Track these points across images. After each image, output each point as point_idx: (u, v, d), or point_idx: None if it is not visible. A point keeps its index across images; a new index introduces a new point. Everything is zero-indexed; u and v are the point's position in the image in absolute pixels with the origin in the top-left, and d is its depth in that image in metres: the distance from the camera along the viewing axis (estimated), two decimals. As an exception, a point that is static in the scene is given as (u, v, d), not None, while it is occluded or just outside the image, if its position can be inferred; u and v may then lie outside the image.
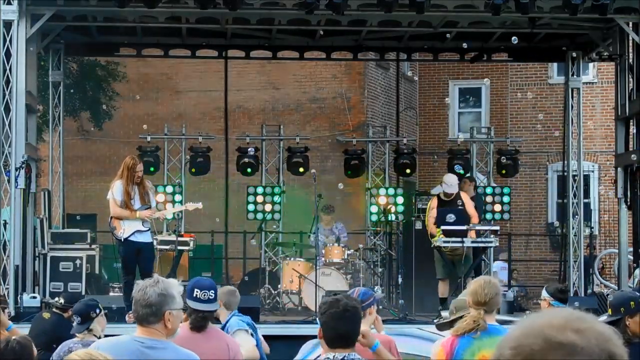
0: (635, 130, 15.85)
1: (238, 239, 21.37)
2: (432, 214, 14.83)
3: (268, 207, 18.64)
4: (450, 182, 15.03)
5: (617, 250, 17.59)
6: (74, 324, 8.09)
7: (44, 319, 11.07)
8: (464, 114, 27.88)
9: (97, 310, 8.10)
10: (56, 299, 11.65)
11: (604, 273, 21.26)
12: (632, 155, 15.51)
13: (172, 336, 5.13)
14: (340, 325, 4.97)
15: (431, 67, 27.34)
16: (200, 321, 6.51)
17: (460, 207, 14.79)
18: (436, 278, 14.87)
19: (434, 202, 15.06)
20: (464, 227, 14.53)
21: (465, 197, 15.18)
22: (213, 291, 6.60)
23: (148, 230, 13.48)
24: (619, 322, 6.54)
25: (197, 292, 6.53)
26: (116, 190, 13.24)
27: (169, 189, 18.33)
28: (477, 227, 14.68)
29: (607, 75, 24.54)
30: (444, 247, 14.60)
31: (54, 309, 11.23)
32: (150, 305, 4.96)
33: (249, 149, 18.83)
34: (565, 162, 18.33)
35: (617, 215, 16.95)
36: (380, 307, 13.93)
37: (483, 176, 19.71)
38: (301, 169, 19.05)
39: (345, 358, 4.89)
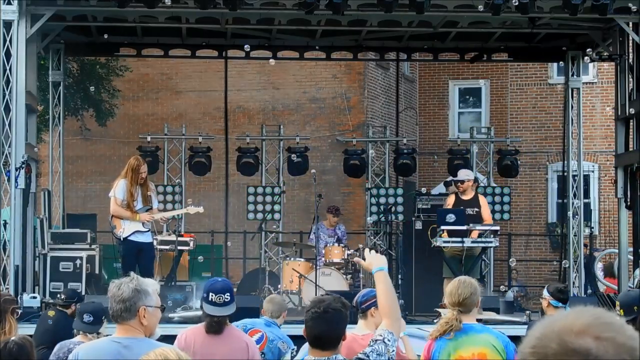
0: (635, 130, 15.85)
1: (238, 239, 21.38)
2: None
3: (268, 207, 18.64)
4: (459, 173, 15.29)
5: (617, 250, 17.58)
6: (83, 320, 8.04)
7: (48, 317, 11.11)
8: (464, 114, 27.87)
9: (105, 318, 8.14)
10: (58, 296, 11.68)
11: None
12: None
13: (153, 336, 5.10)
14: (317, 325, 4.88)
15: (431, 67, 27.34)
16: (215, 326, 6.51)
17: (470, 211, 14.82)
18: (442, 277, 14.92)
19: (450, 199, 15.21)
20: (464, 227, 14.55)
21: (483, 201, 15.30)
22: (229, 293, 6.57)
23: (148, 230, 13.51)
24: (635, 321, 6.52)
25: (212, 295, 6.50)
26: (119, 189, 13.27)
27: (169, 189, 18.33)
28: (477, 227, 14.69)
29: (607, 75, 24.54)
30: (444, 247, 14.62)
31: (57, 307, 11.27)
32: (124, 300, 4.93)
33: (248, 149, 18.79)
34: (565, 162, 18.33)
35: (617, 215, 16.94)
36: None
37: (483, 176, 19.71)
38: (296, 169, 19.05)
39: None
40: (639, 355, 1.89)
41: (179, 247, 15.15)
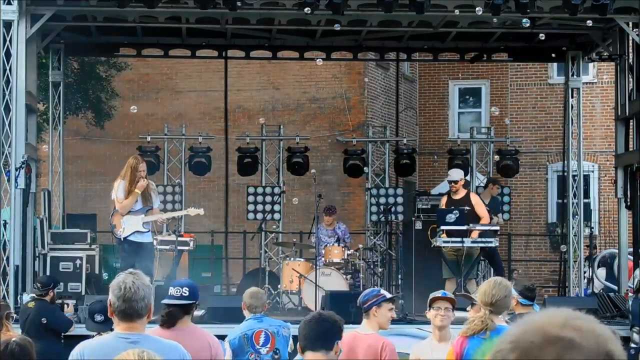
0: (635, 130, 15.85)
1: (238, 239, 21.38)
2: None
3: (268, 207, 18.63)
4: (450, 174, 15.42)
5: (617, 250, 17.58)
6: (95, 321, 8.03)
7: (29, 309, 11.18)
8: (464, 114, 27.86)
9: None
10: (34, 285, 11.73)
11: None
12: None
13: None
14: (312, 327, 5.04)
15: (431, 67, 27.33)
16: (166, 316, 6.41)
17: (462, 209, 14.83)
18: (442, 278, 14.93)
19: (443, 200, 15.31)
20: (464, 227, 14.55)
21: (475, 199, 15.30)
22: (187, 288, 6.51)
23: (148, 231, 13.49)
24: None
25: (171, 289, 6.51)
26: (119, 190, 13.25)
27: (169, 189, 18.33)
28: (477, 227, 14.69)
29: (607, 75, 24.54)
30: (444, 247, 14.62)
31: (36, 297, 11.34)
32: (143, 298, 4.93)
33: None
34: (565, 162, 18.33)
35: (617, 215, 16.95)
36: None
37: (483, 176, 19.70)
38: (296, 169, 19.05)
39: None
40: (616, 343, 2.03)
41: (179, 247, 15.15)
